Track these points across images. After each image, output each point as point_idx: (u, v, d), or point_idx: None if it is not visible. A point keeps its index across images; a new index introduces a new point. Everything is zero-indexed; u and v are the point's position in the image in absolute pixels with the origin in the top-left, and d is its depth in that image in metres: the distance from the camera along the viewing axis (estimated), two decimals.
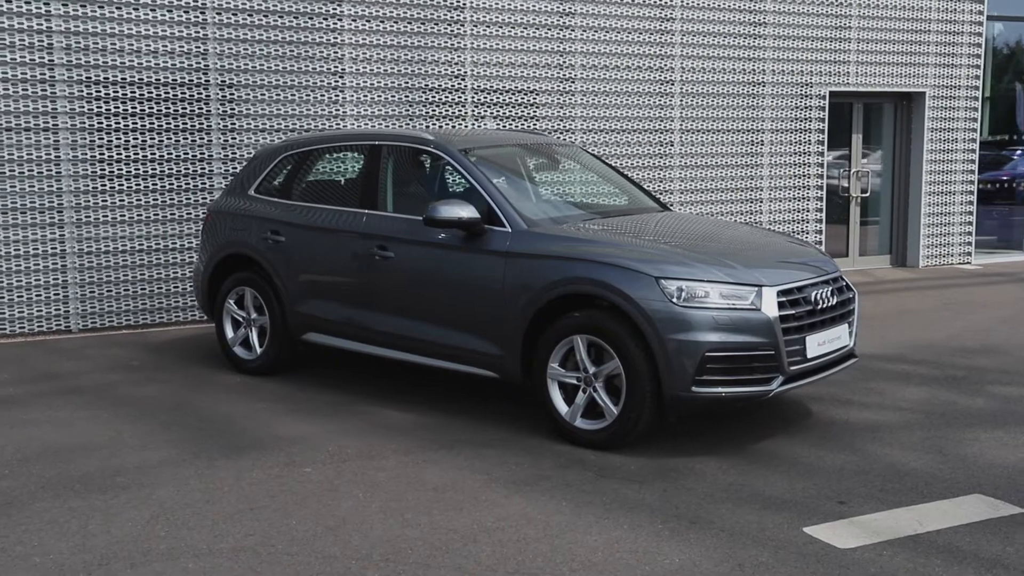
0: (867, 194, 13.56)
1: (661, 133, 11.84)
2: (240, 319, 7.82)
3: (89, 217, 9.33)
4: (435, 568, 4.38)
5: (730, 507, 5.08)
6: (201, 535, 4.72)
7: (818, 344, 5.99)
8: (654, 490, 5.32)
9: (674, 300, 5.67)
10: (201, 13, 9.51)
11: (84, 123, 9.23)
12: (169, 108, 9.50)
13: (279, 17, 9.83)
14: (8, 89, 8.93)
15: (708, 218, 7.84)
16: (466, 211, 6.35)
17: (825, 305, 6.05)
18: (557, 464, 5.72)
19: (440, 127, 10.52)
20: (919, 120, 13.55)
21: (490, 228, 6.42)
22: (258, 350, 7.71)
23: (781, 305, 5.80)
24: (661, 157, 11.86)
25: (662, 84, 11.78)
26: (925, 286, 12.20)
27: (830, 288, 6.16)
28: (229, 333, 7.88)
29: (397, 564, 4.41)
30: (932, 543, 4.65)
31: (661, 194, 11.85)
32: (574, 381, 6.02)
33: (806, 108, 12.71)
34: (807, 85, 12.67)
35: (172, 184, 9.57)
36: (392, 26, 10.31)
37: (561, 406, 6.07)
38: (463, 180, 6.83)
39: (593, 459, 5.80)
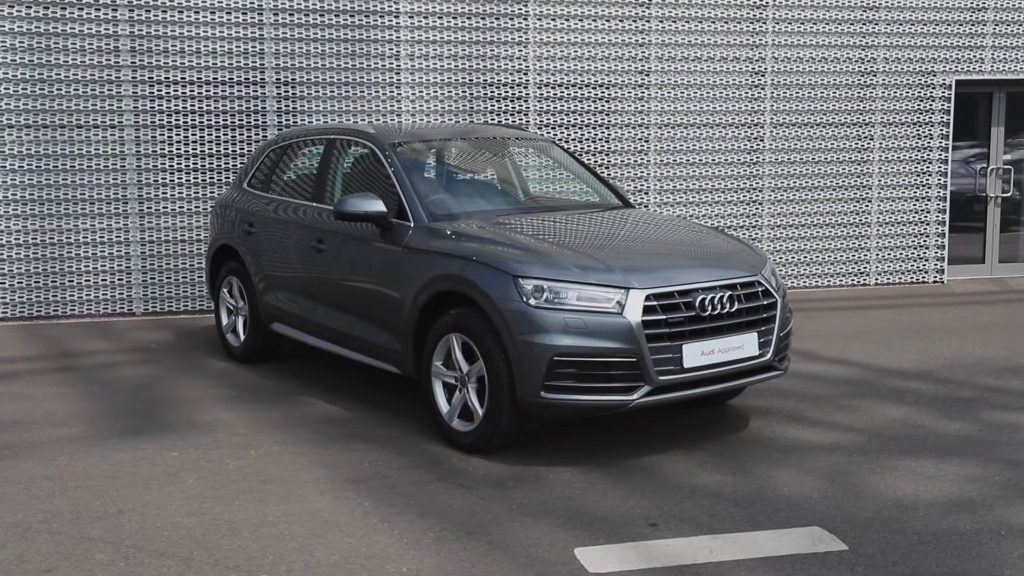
0: (1009, 194, 12.23)
1: (749, 128, 11.20)
2: (231, 307, 8.12)
3: (152, 208, 9.95)
4: (167, 557, 4.41)
5: (527, 520, 4.79)
6: (4, 508, 4.97)
7: (702, 353, 5.50)
8: (473, 497, 5.10)
9: (530, 300, 5.40)
10: (258, 14, 9.92)
11: (148, 120, 9.85)
12: (227, 106, 9.97)
13: (335, 16, 10.08)
14: (79, 89, 9.68)
15: (651, 216, 7.16)
16: (373, 205, 6.30)
17: (717, 311, 5.55)
18: (409, 464, 5.59)
19: (495, 123, 10.44)
20: None
21: (398, 222, 6.35)
22: (242, 338, 7.98)
23: (649, 309, 5.38)
24: (749, 153, 11.22)
25: (751, 75, 11.13)
26: None
27: (729, 293, 5.64)
28: (224, 320, 8.21)
29: (138, 551, 4.47)
30: (697, 575, 4.20)
31: (749, 192, 11.23)
32: (453, 380, 5.86)
33: (927, 99, 11.61)
34: (928, 73, 11.58)
35: (230, 178, 10.03)
36: (450, 22, 10.33)
37: (443, 405, 5.92)
38: (388, 174, 6.76)
39: (455, 462, 5.63)
